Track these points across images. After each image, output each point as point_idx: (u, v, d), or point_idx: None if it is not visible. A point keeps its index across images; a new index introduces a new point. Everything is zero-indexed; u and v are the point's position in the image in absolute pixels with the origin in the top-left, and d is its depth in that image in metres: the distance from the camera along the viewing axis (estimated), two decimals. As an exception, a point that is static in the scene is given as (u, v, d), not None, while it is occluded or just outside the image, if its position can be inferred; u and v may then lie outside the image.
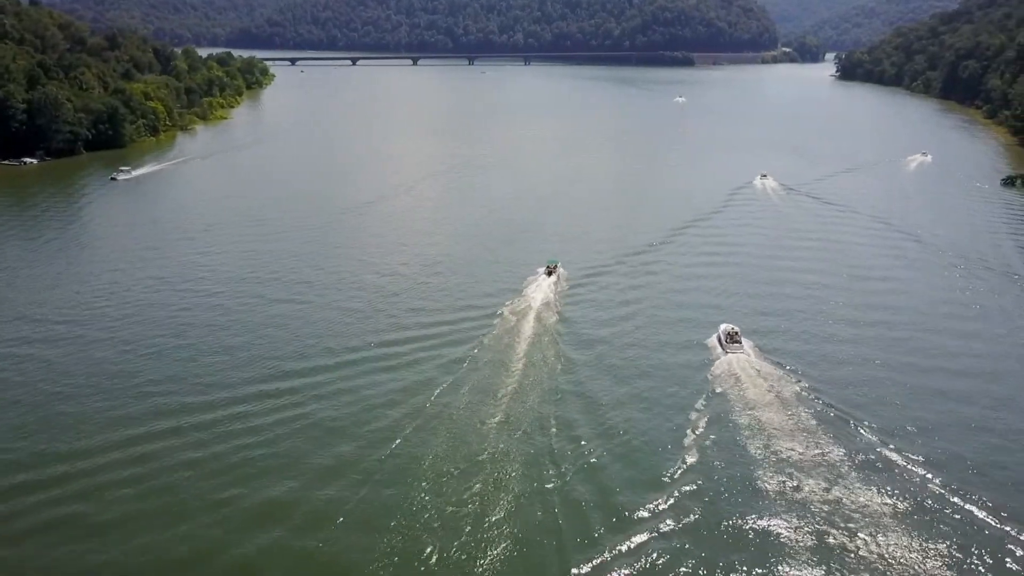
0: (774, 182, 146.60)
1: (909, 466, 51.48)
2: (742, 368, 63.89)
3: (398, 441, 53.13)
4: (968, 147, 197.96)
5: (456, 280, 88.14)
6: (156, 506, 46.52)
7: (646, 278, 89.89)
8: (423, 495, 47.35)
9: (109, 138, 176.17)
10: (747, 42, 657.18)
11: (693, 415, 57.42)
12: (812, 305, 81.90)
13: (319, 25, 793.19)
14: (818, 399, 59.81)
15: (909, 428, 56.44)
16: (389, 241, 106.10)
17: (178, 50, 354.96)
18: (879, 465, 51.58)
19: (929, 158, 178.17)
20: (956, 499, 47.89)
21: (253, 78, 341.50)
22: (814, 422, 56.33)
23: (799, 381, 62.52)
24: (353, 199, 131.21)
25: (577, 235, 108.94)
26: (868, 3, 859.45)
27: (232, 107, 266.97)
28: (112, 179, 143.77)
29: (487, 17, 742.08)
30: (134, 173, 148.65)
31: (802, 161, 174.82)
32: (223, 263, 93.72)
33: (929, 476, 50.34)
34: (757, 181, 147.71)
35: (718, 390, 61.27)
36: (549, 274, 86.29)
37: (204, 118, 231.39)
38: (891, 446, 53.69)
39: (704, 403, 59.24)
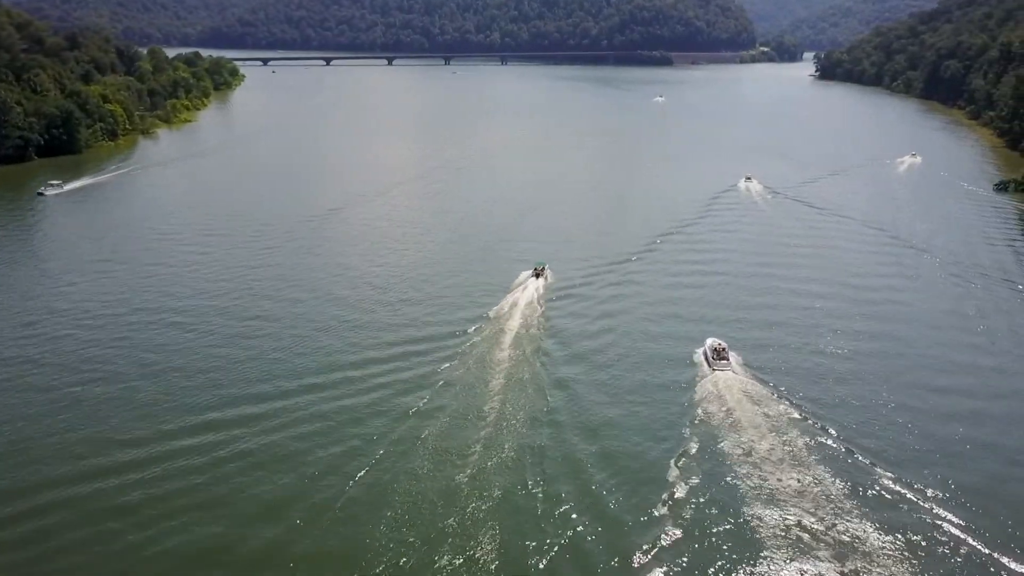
0: (759, 185, 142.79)
1: (914, 498, 47.18)
2: (729, 387, 60.50)
3: (372, 462, 50.45)
4: (955, 149, 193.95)
5: (427, 295, 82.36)
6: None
7: (630, 288, 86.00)
8: (394, 524, 44.79)
9: (63, 143, 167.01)
10: (725, 41, 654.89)
11: (677, 443, 53.51)
12: (802, 316, 78.20)
13: (292, 24, 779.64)
14: (811, 422, 56.09)
15: (911, 455, 52.51)
16: (357, 250, 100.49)
17: (143, 50, 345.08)
18: (879, 499, 47.21)
19: (919, 159, 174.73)
20: (966, 535, 44.31)
21: (221, 79, 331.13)
22: (807, 450, 52.49)
23: (790, 401, 58.94)
24: (319, 206, 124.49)
25: (557, 245, 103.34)
26: (845, 2, 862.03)
27: (198, 110, 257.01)
28: (39, 194, 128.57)
29: (463, 16, 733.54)
30: (68, 187, 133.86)
31: (787, 163, 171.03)
32: (167, 283, 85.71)
33: (936, 510, 46.18)
34: (741, 184, 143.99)
35: (704, 412, 57.51)
36: (537, 276, 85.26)
37: (167, 121, 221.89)
38: (892, 475, 49.44)
39: (689, 428, 55.25)
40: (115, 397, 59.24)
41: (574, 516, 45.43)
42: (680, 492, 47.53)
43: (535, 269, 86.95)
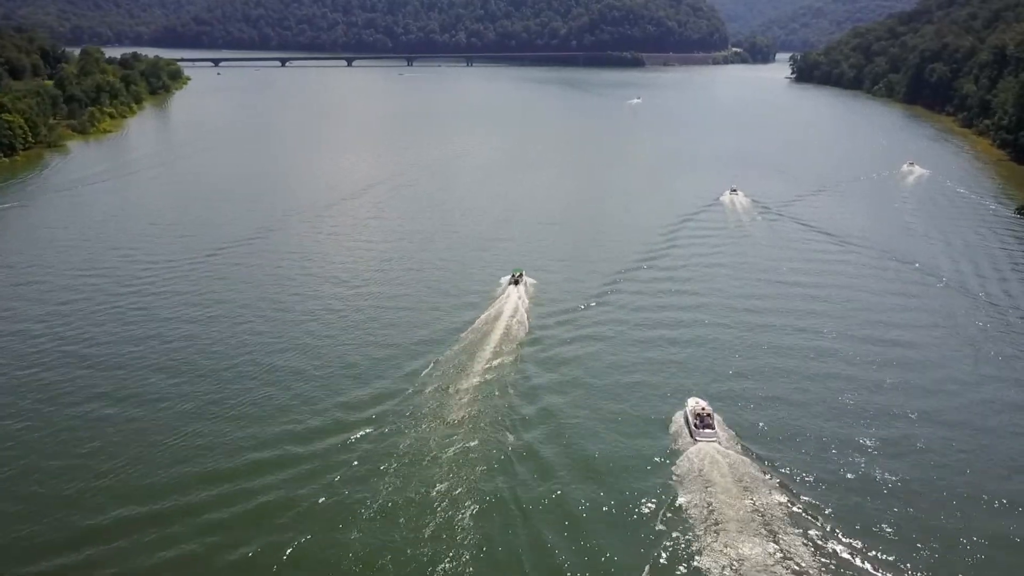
0: (745, 198, 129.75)
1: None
2: (715, 464, 50.48)
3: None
4: (954, 162, 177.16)
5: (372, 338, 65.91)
6: None
7: (602, 328, 73.76)
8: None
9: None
10: (697, 42, 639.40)
11: (649, 547, 43.25)
12: (804, 366, 66.12)
13: (250, 23, 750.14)
14: (818, 519, 45.26)
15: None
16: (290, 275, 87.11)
17: (76, 51, 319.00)
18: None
19: (916, 169, 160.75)
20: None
21: (159, 82, 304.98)
22: (814, 559, 41.75)
23: (790, 488, 48.25)
24: (238, 233, 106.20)
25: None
26: (815, 3, 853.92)
27: (125, 117, 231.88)
28: None
29: (428, 15, 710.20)
30: None
31: (774, 173, 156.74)
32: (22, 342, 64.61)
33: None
34: (726, 197, 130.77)
35: (683, 500, 47.31)
36: (516, 283, 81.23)
37: (83, 132, 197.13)
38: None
39: (664, 523, 45.08)
40: None
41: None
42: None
43: (513, 275, 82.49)
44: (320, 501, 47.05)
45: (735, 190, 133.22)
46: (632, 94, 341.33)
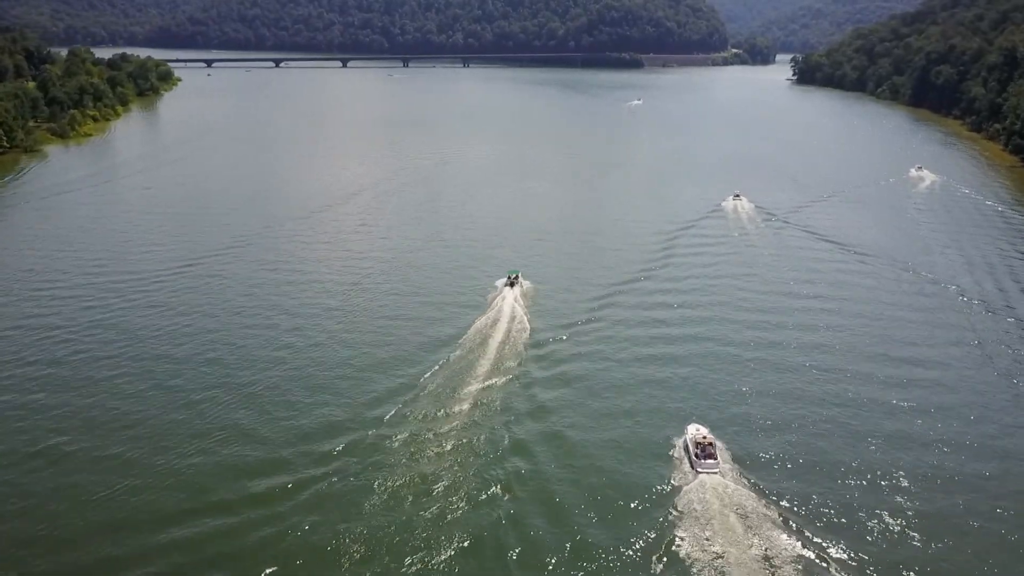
0: (749, 204, 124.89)
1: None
2: (718, 498, 46.58)
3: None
4: (965, 167, 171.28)
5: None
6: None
7: (599, 346, 69.27)
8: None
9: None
10: (696, 43, 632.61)
11: None
12: (813, 387, 61.39)
13: (246, 23, 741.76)
14: (831, 566, 40.70)
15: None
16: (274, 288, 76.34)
17: (63, 52, 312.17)
18: None
19: (935, 177, 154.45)
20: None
21: (147, 84, 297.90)
22: None
23: (799, 528, 43.83)
24: (213, 244, 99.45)
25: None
26: (815, 4, 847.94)
27: (109, 120, 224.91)
28: None
29: (425, 16, 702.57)
30: None
31: (778, 178, 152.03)
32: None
33: None
34: (729, 203, 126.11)
35: (682, 540, 43.19)
36: (511, 285, 79.92)
37: (63, 136, 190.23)
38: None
39: (663, 565, 41.52)
40: None
41: None
42: None
43: (509, 278, 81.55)
44: (306, 526, 44.86)
45: (738, 195, 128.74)
46: (631, 96, 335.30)
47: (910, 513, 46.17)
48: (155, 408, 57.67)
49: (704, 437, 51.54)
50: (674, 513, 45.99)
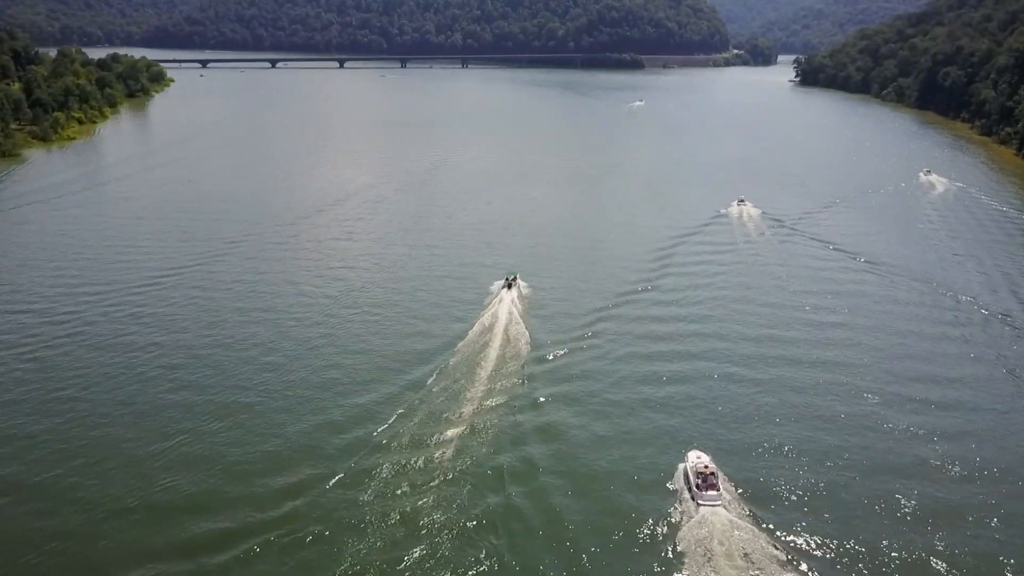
0: (754, 210, 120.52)
1: None
2: (721, 533, 43.18)
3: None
4: (976, 172, 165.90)
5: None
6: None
7: (596, 363, 65.74)
8: None
9: None
10: (697, 44, 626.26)
11: None
12: (825, 409, 57.37)
13: (243, 24, 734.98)
14: None
15: None
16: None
17: (52, 52, 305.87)
18: None
19: (945, 182, 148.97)
20: None
21: (137, 85, 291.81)
22: None
23: (809, 568, 40.44)
24: (196, 251, 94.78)
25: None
26: (816, 4, 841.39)
27: (95, 123, 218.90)
28: None
29: (423, 16, 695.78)
30: None
31: (783, 182, 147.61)
32: None
33: None
34: (734, 208, 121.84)
35: None
36: (509, 287, 79.53)
37: (45, 139, 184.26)
38: None
39: None
40: None
41: None
42: None
43: (506, 279, 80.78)
44: (305, 537, 44.08)
45: (743, 200, 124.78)
46: (631, 97, 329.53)
47: (933, 551, 41.40)
48: (124, 427, 55.29)
49: (706, 466, 48.61)
50: (672, 549, 43.04)
